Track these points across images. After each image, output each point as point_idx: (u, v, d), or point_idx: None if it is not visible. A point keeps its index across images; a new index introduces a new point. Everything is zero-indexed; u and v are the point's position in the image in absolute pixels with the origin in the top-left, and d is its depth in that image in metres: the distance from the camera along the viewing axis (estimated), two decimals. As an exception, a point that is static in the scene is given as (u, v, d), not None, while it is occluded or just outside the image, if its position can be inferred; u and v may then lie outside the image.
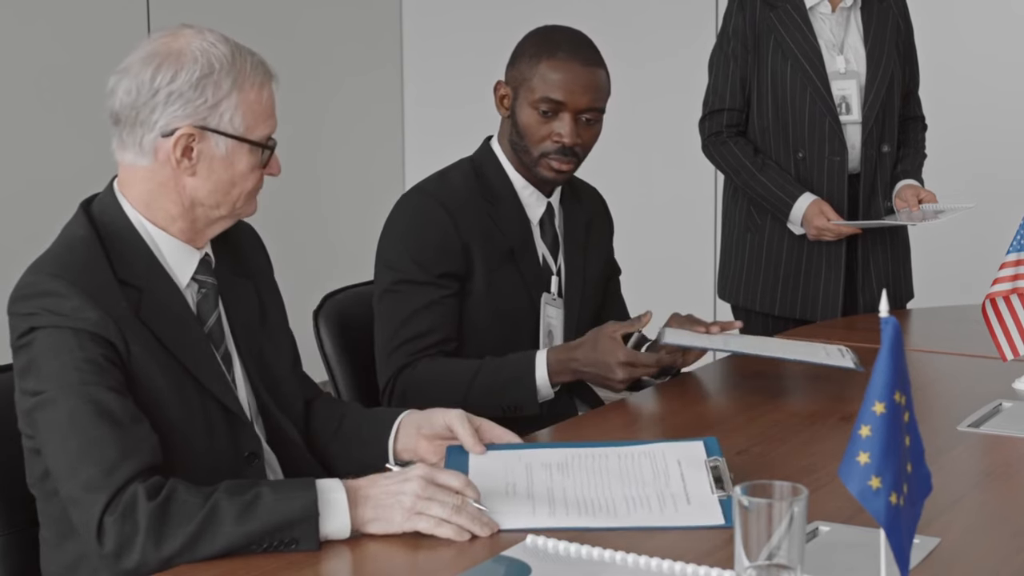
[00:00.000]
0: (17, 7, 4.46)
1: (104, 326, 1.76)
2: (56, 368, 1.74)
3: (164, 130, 1.83)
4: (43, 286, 1.78)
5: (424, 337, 2.45)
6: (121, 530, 1.66)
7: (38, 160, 4.54)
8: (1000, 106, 4.78)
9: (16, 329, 1.80)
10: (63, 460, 1.72)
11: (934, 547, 1.69)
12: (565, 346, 2.44)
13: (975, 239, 4.59)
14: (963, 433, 2.23)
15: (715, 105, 3.41)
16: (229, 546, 1.66)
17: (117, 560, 1.67)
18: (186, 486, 1.70)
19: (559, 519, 1.77)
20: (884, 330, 1.34)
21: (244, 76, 1.84)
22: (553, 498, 1.83)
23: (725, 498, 1.82)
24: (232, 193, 1.88)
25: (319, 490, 1.70)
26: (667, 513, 1.79)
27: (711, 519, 1.77)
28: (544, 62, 2.47)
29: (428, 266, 2.46)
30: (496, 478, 1.88)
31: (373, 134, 5.80)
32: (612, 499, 1.83)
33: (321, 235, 5.47)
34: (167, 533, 1.66)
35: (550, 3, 5.23)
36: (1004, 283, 2.50)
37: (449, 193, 2.51)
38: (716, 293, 3.61)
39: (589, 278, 2.66)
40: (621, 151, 5.32)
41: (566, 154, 2.49)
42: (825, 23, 3.36)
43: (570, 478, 1.90)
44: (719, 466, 1.92)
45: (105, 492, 1.68)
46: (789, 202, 3.29)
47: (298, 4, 5.37)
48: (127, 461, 1.70)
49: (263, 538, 1.67)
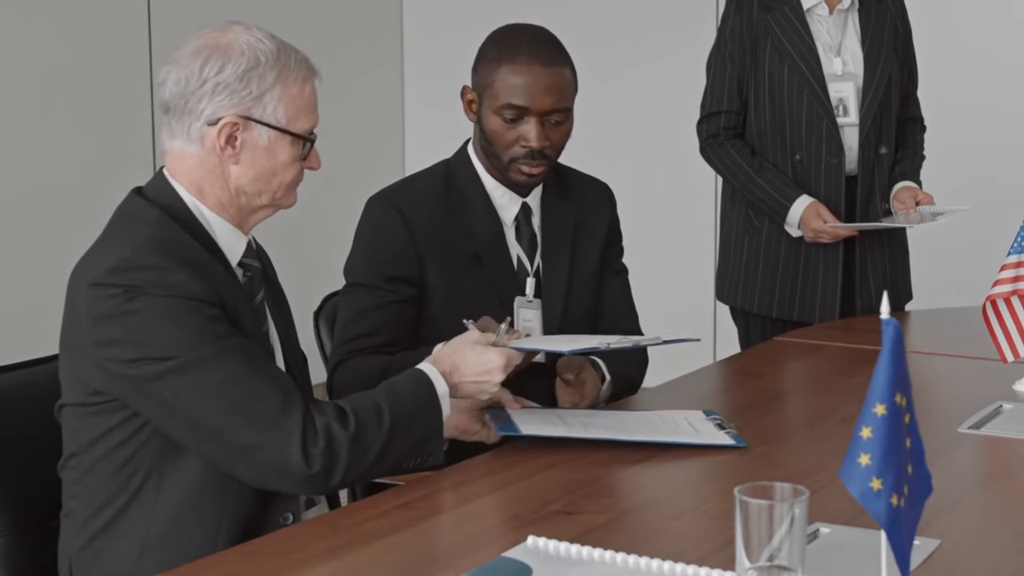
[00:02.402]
0: (17, 7, 4.46)
1: (210, 296, 1.84)
2: (181, 334, 1.80)
3: (210, 119, 1.90)
4: (146, 260, 1.82)
5: (365, 338, 2.45)
6: (325, 455, 1.81)
7: (38, 160, 4.54)
8: (1000, 108, 4.78)
9: (108, 299, 1.81)
10: (229, 412, 1.80)
11: (935, 548, 1.69)
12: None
13: (975, 241, 4.59)
14: (963, 435, 2.23)
15: (712, 107, 3.41)
16: (392, 466, 1.94)
17: (325, 480, 1.83)
18: (360, 407, 1.89)
19: (587, 433, 2.16)
20: (885, 331, 1.34)
21: (288, 71, 1.93)
22: (583, 423, 2.22)
23: (732, 432, 2.19)
24: (273, 182, 1.96)
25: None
26: (682, 435, 2.17)
27: (723, 441, 2.15)
28: (505, 66, 2.42)
29: (379, 270, 2.46)
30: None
31: (373, 134, 5.80)
32: (632, 426, 2.22)
33: (321, 235, 5.46)
34: (361, 453, 1.86)
35: (550, 4, 5.24)
36: (1004, 285, 2.50)
37: (409, 198, 2.50)
38: (715, 295, 3.61)
39: (577, 275, 2.60)
40: (621, 152, 5.32)
41: (535, 158, 2.45)
42: (822, 25, 3.36)
43: (595, 418, 2.27)
44: (721, 421, 2.25)
45: (295, 423, 1.81)
46: (786, 204, 3.29)
47: (298, 4, 5.37)
48: (293, 394, 1.84)
49: (410, 456, 1.96)
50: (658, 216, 5.31)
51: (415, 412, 1.94)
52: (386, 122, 5.82)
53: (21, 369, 2.07)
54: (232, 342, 1.83)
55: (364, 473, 1.89)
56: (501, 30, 2.52)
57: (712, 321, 5.19)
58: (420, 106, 5.82)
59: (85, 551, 1.89)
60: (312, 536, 1.77)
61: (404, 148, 5.88)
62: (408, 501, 1.92)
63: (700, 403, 2.40)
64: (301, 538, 1.76)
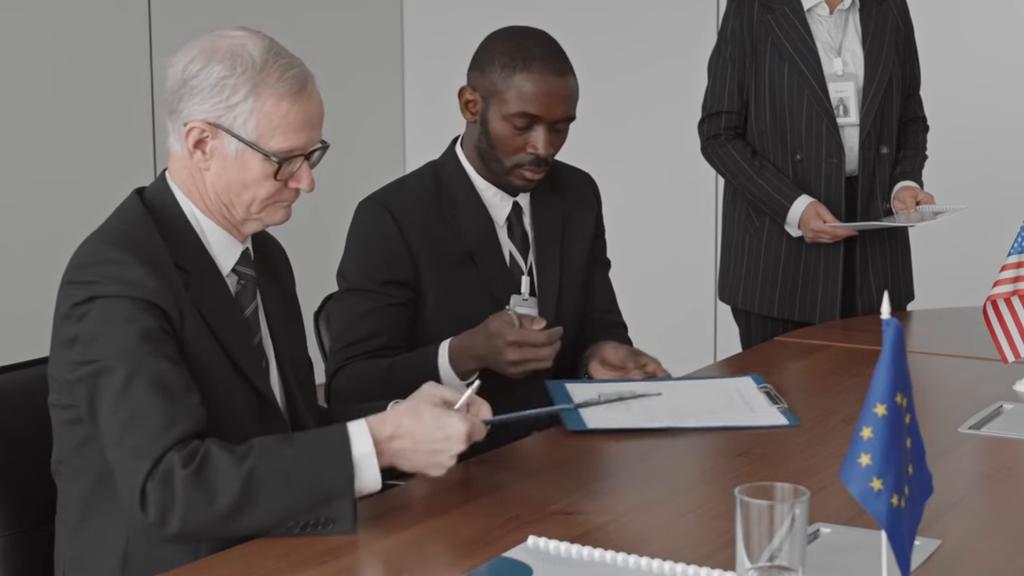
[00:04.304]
0: (18, 7, 4.46)
1: (164, 297, 1.80)
2: (114, 338, 1.77)
3: (185, 120, 1.89)
4: (107, 255, 1.81)
5: (363, 342, 2.44)
6: (161, 498, 1.71)
7: (38, 160, 4.54)
8: (1002, 107, 4.77)
9: (71, 297, 1.81)
10: (114, 427, 1.75)
11: (935, 549, 1.69)
12: (467, 334, 2.37)
13: (975, 241, 4.59)
14: (964, 435, 2.23)
15: (713, 108, 3.41)
16: (264, 524, 1.73)
17: (161, 527, 1.72)
18: (220, 447, 1.74)
19: (653, 421, 2.25)
20: (886, 332, 1.34)
21: (266, 85, 1.86)
22: (645, 408, 2.30)
23: (783, 408, 2.34)
24: (244, 196, 1.91)
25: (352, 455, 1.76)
26: (739, 416, 2.30)
27: (777, 421, 2.29)
28: (519, 74, 2.41)
29: (373, 274, 2.45)
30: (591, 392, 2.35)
31: (374, 134, 5.79)
32: (691, 404, 2.34)
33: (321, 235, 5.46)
34: (204, 501, 1.71)
35: (551, 4, 5.24)
36: (1005, 285, 2.50)
37: (400, 200, 2.49)
38: (716, 295, 3.61)
39: (569, 271, 2.61)
40: (622, 153, 5.32)
41: (539, 164, 2.45)
42: (823, 25, 3.36)
43: (653, 400, 2.33)
44: (769, 391, 2.42)
45: (148, 460, 1.72)
46: (786, 204, 3.29)
47: (298, 4, 5.37)
48: (171, 430, 1.74)
49: (299, 515, 1.73)
50: (659, 216, 5.31)
51: (314, 465, 1.75)
52: (386, 122, 5.82)
53: (21, 369, 2.07)
54: (150, 360, 1.76)
55: (215, 521, 1.71)
56: (508, 34, 2.49)
57: (713, 321, 5.19)
58: (420, 106, 5.82)
59: (75, 562, 1.88)
60: (311, 536, 1.77)
61: (404, 148, 5.88)
62: (408, 501, 1.92)
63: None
64: (300, 538, 1.75)
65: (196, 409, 1.79)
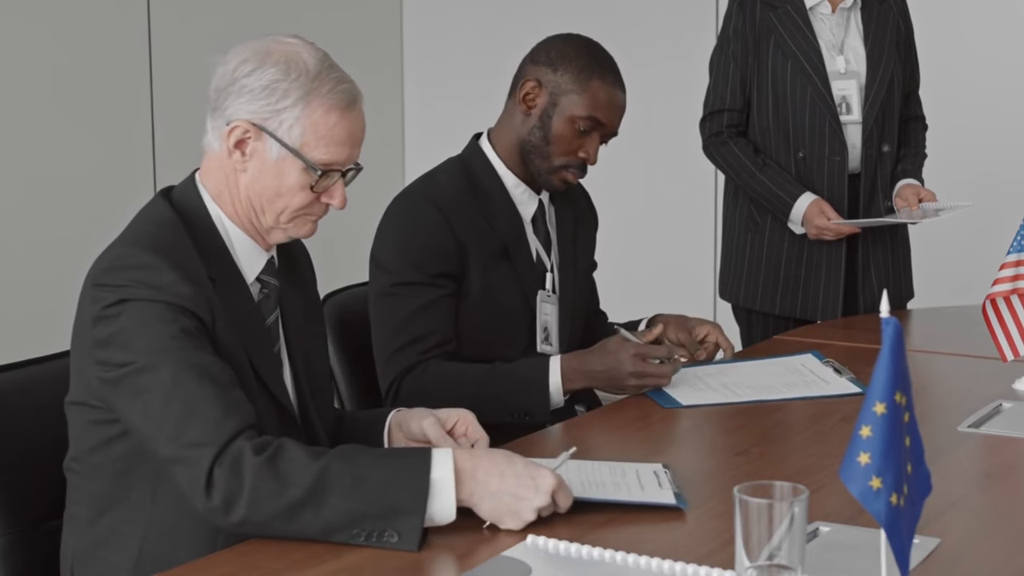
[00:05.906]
0: (18, 7, 4.46)
1: (196, 302, 1.80)
2: (151, 339, 1.77)
3: (229, 118, 1.88)
4: (138, 259, 1.81)
5: (425, 339, 2.45)
6: (228, 484, 1.70)
7: (38, 160, 4.53)
8: (1001, 106, 4.77)
9: (102, 300, 1.81)
10: (169, 421, 1.74)
11: (934, 547, 1.69)
12: (577, 354, 2.45)
13: (975, 239, 4.58)
14: (963, 434, 2.23)
15: (715, 106, 3.41)
16: (328, 524, 1.69)
17: (225, 514, 1.71)
18: (295, 442, 1.74)
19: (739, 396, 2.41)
20: (885, 330, 1.34)
21: (317, 94, 1.87)
22: (724, 384, 2.47)
23: (852, 378, 2.51)
24: (277, 203, 1.91)
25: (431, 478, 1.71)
26: (817, 387, 2.48)
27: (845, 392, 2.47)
28: (596, 80, 2.47)
29: (424, 267, 2.45)
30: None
31: (373, 134, 5.76)
32: (770, 384, 2.47)
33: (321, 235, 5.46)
34: (273, 490, 1.69)
35: (551, 5, 5.24)
36: (1004, 283, 2.50)
37: (440, 193, 2.50)
38: (716, 293, 3.61)
39: (580, 271, 2.69)
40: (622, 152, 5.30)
41: (583, 170, 2.53)
42: (825, 23, 3.36)
43: (726, 375, 2.55)
44: (834, 364, 2.61)
45: (213, 447, 1.72)
46: (789, 202, 3.29)
47: (298, 4, 5.37)
48: (231, 418, 1.74)
49: (366, 522, 1.69)
50: (659, 216, 5.31)
51: (389, 474, 1.72)
52: (386, 122, 5.81)
53: (22, 368, 2.07)
54: (194, 354, 1.77)
55: (280, 512, 1.69)
56: (579, 40, 2.55)
57: (713, 319, 5.18)
58: (420, 106, 5.81)
59: (85, 556, 1.89)
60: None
61: (404, 148, 5.87)
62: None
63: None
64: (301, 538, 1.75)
65: (247, 402, 1.79)
